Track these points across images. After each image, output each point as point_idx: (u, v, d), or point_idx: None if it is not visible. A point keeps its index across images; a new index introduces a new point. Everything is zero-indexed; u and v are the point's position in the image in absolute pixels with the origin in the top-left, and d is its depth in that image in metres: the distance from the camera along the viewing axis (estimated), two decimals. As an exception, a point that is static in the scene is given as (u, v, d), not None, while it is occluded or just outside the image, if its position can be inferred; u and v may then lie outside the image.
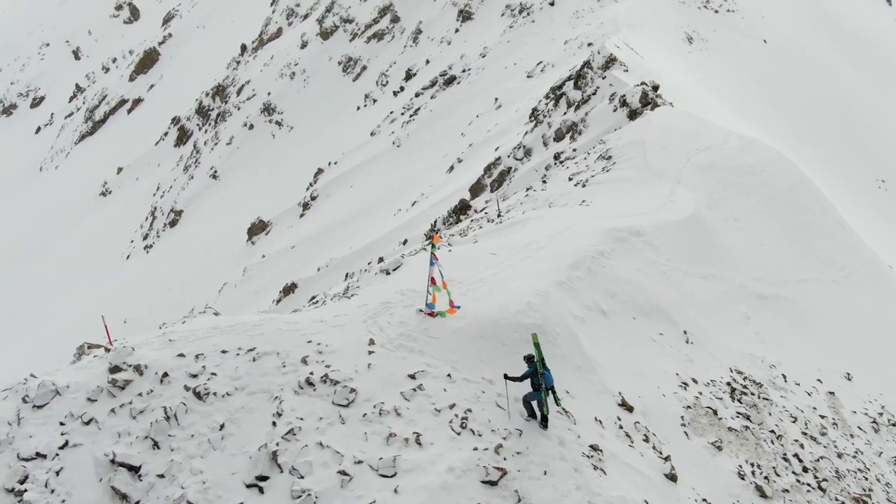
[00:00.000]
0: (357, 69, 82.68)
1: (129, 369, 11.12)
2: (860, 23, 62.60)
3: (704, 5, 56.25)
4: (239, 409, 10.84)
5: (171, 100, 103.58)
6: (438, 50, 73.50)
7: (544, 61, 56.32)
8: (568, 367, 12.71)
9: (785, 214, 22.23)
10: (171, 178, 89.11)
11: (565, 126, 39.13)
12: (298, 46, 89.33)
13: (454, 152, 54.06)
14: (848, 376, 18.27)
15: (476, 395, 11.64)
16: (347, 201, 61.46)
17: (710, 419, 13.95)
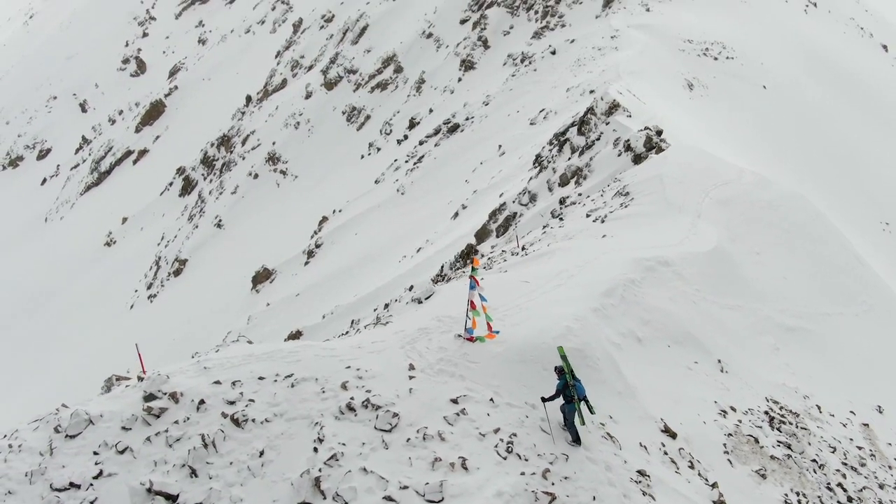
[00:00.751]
0: (361, 118, 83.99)
1: (164, 397, 11.16)
2: (858, 68, 63.90)
3: (704, 53, 57.40)
4: (279, 436, 10.84)
5: (177, 150, 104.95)
6: (442, 99, 74.79)
7: (547, 108, 57.30)
8: (609, 392, 12.83)
9: (804, 249, 22.56)
10: (175, 227, 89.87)
11: (570, 171, 39.81)
12: (303, 97, 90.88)
13: (459, 199, 54.69)
14: (879, 409, 18.36)
15: (520, 420, 11.69)
16: (352, 249, 61.95)
17: (752, 447, 14.03)
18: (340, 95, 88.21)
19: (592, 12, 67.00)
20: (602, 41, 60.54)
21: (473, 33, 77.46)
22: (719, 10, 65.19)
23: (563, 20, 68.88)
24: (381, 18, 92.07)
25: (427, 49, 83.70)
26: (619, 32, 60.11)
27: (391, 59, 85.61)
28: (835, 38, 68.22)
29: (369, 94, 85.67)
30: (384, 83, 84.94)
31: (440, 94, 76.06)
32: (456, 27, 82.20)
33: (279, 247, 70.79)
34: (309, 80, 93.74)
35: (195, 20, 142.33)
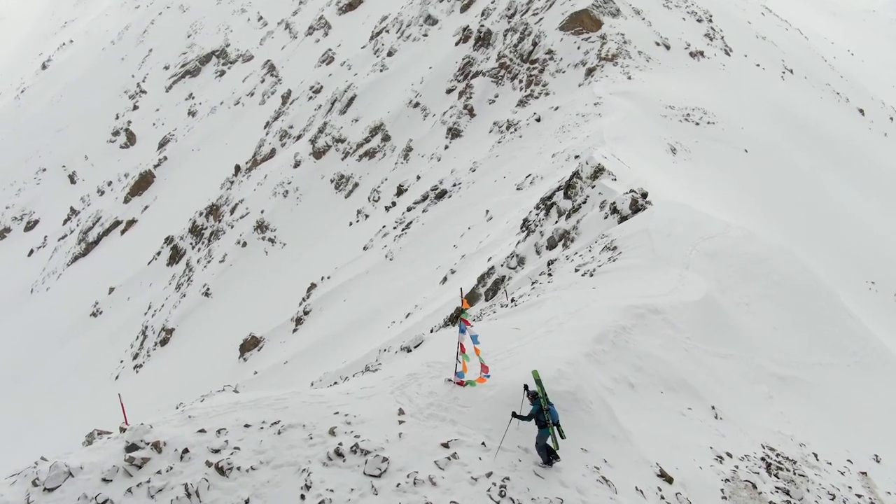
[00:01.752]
0: (349, 186, 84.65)
1: (146, 447, 10.94)
2: (836, 131, 65.24)
3: (685, 118, 58.50)
4: (264, 484, 10.63)
5: (165, 220, 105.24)
6: (429, 166, 75.60)
7: (533, 174, 57.94)
8: (603, 436, 12.70)
9: (793, 301, 22.62)
10: (162, 296, 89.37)
11: (557, 234, 39.98)
12: (291, 165, 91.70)
13: (447, 264, 54.75)
14: (876, 458, 18.19)
15: (513, 464, 11.55)
16: (341, 315, 61.60)
17: (750, 493, 13.84)
18: (329, 164, 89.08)
19: (575, 81, 68.35)
20: (585, 108, 61.62)
21: (459, 102, 78.81)
22: (699, 77, 66.76)
23: (546, 88, 70.18)
24: (369, 89, 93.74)
25: (414, 118, 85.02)
26: (601, 99, 61.25)
27: (379, 127, 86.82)
28: (812, 103, 69.86)
29: (357, 162, 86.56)
30: (372, 151, 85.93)
31: (427, 161, 76.92)
32: (442, 96, 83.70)
33: (267, 314, 70.39)
34: (297, 149, 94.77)
35: (185, 93, 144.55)
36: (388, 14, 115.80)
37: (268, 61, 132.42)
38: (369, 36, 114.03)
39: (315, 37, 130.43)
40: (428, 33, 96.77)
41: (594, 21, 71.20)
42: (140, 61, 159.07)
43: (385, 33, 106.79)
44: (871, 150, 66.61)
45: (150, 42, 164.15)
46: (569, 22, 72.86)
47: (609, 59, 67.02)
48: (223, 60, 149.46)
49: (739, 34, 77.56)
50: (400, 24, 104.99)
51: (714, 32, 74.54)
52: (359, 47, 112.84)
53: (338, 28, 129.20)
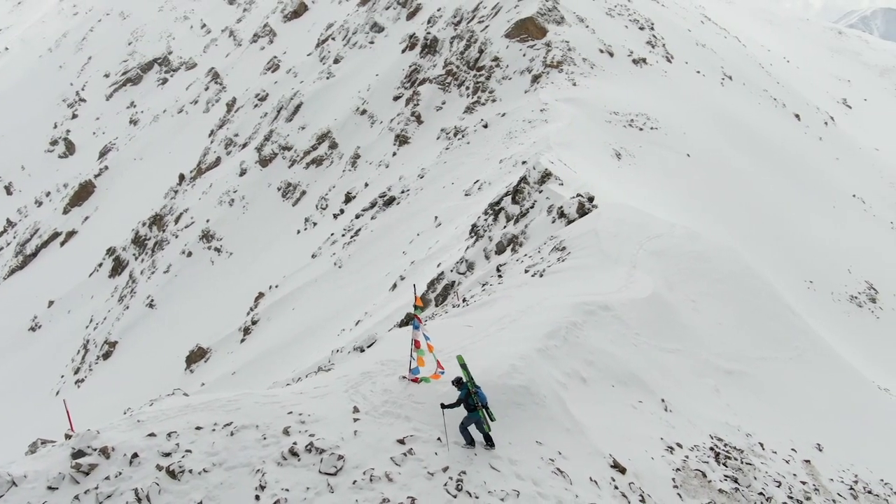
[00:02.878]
0: (297, 194, 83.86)
1: (94, 453, 10.66)
2: (774, 136, 67.07)
3: (629, 124, 59.43)
4: (217, 486, 10.45)
5: (107, 231, 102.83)
6: (377, 173, 75.34)
7: (481, 180, 58.14)
8: (557, 428, 12.84)
9: (736, 297, 23.17)
10: (105, 309, 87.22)
11: (506, 239, 40.17)
12: (237, 174, 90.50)
13: (396, 270, 54.55)
14: (819, 447, 18.74)
15: (469, 458, 11.59)
16: (290, 324, 60.88)
17: (700, 481, 14.15)
18: (275, 172, 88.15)
19: (521, 87, 68.92)
20: (532, 114, 62.17)
21: (407, 109, 78.80)
22: (641, 83, 67.96)
23: (493, 95, 70.62)
24: (316, 96, 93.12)
25: (362, 125, 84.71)
26: (547, 106, 61.87)
27: (326, 135, 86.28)
28: (751, 108, 71.68)
29: (304, 169, 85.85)
30: (319, 159, 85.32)
31: (375, 168, 76.67)
32: (389, 104, 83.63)
33: (214, 325, 69.20)
34: (243, 157, 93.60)
35: (126, 101, 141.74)
36: (333, 22, 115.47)
37: (212, 69, 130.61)
38: (315, 43, 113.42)
39: (260, 44, 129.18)
40: (374, 41, 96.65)
41: (539, 28, 71.96)
42: (79, 69, 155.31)
43: (331, 41, 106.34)
44: (808, 154, 68.64)
45: (89, 49, 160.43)
46: (514, 29, 73.50)
47: (554, 66, 67.77)
48: (165, 68, 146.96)
49: (680, 41, 79.24)
50: (346, 31, 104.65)
51: (656, 40, 75.98)
52: (304, 55, 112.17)
53: (283, 35, 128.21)
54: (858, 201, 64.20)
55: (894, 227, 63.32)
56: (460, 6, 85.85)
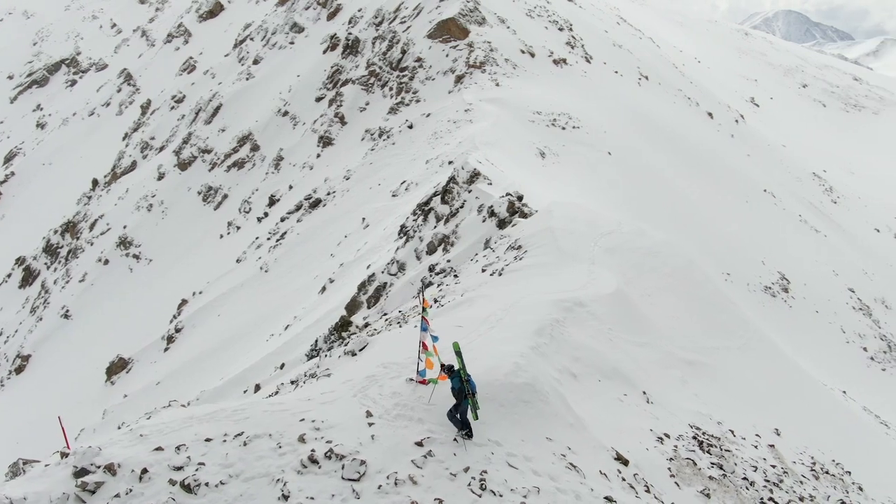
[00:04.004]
0: (218, 198, 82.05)
1: (98, 470, 10.09)
2: (689, 133, 69.33)
3: (552, 123, 60.42)
4: (237, 498, 10.08)
5: (15, 240, 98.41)
6: (301, 175, 74.46)
7: (408, 180, 58.17)
8: (561, 424, 12.96)
9: (685, 290, 23.89)
10: (16, 321, 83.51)
11: (437, 239, 40.34)
12: (155, 178, 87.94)
13: (325, 273, 54.05)
14: (777, 432, 19.54)
15: (487, 457, 11.54)
16: (215, 330, 59.56)
17: (692, 469, 14.58)
18: (195, 175, 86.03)
19: (445, 88, 69.23)
20: (457, 115, 62.52)
21: (330, 110, 78.15)
22: (562, 84, 69.18)
23: (417, 96, 70.72)
24: (235, 98, 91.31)
25: (284, 127, 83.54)
26: (472, 106, 62.32)
27: (247, 137, 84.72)
28: (667, 107, 73.90)
29: (226, 173, 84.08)
30: (241, 162, 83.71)
31: (299, 170, 75.76)
32: (312, 105, 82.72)
33: (135, 334, 67.06)
34: (161, 160, 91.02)
35: (33, 104, 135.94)
36: (251, 22, 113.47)
37: (124, 70, 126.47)
38: (233, 44, 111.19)
39: (174, 45, 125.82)
40: (294, 41, 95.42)
41: (461, 29, 72.44)
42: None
43: (249, 41, 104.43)
44: (721, 151, 71.23)
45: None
46: (436, 30, 73.77)
47: (477, 67, 68.36)
48: (74, 69, 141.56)
49: (598, 42, 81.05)
50: (265, 31, 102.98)
51: (575, 41, 77.48)
52: (222, 55, 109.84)
53: (198, 36, 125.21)
54: (769, 196, 66.94)
55: (802, 219, 66.30)
56: (381, 7, 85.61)
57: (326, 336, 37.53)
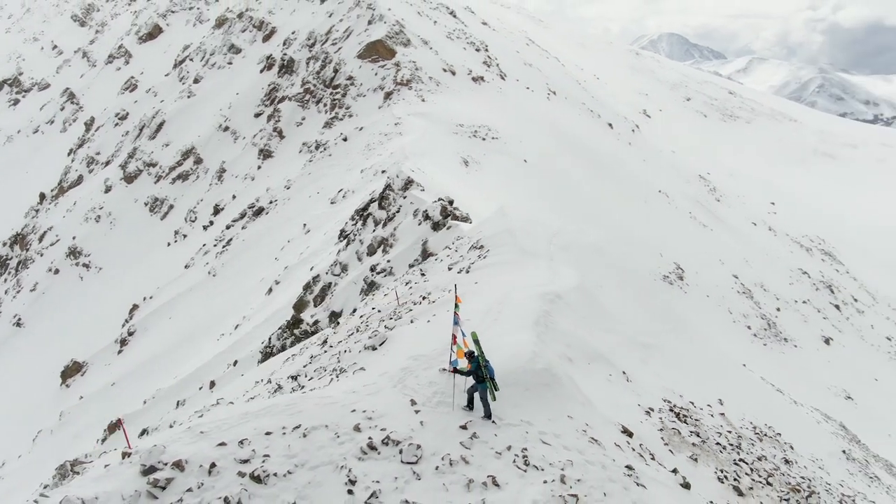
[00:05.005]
0: (164, 208, 79.46)
1: (166, 467, 9.59)
2: (594, 142, 70.94)
3: (474, 134, 60.79)
4: (306, 485, 9.80)
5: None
6: (243, 185, 72.85)
7: (345, 188, 57.66)
8: (576, 403, 13.13)
9: (627, 282, 24.53)
10: (-32, 332, 78.82)
11: (376, 241, 40.15)
12: (102, 191, 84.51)
13: (271, 276, 53.07)
14: (720, 402, 20.21)
15: (523, 436, 11.56)
16: (167, 333, 57.73)
17: (679, 438, 15.03)
18: (141, 188, 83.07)
19: (375, 104, 68.90)
20: (387, 128, 62.32)
21: (269, 125, 76.72)
22: (481, 98, 69.76)
23: (350, 111, 70.17)
24: (178, 115, 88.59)
25: (225, 141, 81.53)
26: (401, 120, 62.22)
27: (190, 151, 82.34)
28: (573, 119, 75.44)
29: (171, 185, 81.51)
30: (185, 174, 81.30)
31: (241, 181, 74.11)
32: (251, 120, 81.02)
33: (88, 339, 64.36)
34: (107, 174, 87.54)
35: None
36: (189, 43, 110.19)
37: (67, 89, 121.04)
38: (173, 64, 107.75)
39: (116, 65, 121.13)
40: (232, 61, 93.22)
41: (388, 50, 72.23)
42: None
43: (189, 61, 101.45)
44: (621, 157, 73.14)
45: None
46: (365, 51, 73.36)
47: (404, 84, 68.26)
48: (17, 89, 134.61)
49: (511, 61, 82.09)
50: (203, 52, 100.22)
51: (490, 60, 78.24)
52: (163, 75, 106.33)
53: (139, 56, 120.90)
54: (664, 196, 69.08)
55: (692, 216, 68.70)
56: (313, 29, 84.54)
57: (279, 334, 36.89)
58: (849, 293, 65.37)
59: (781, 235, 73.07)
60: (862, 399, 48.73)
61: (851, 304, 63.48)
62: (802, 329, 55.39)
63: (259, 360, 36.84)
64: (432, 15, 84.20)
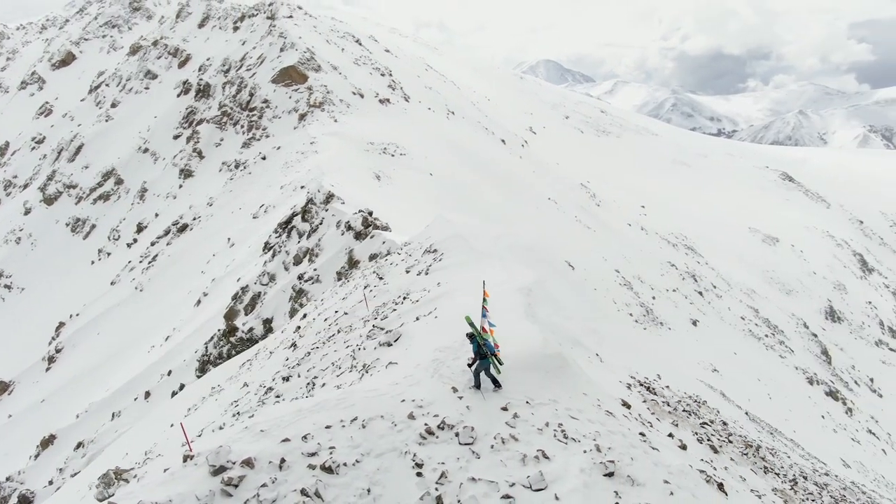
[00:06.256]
0: (86, 228, 74.64)
1: (235, 466, 8.96)
2: (489, 156, 72.04)
3: (384, 151, 60.52)
4: (376, 472, 9.47)
5: None
6: (166, 204, 69.51)
7: (266, 204, 56.09)
8: (585, 382, 13.08)
9: (562, 278, 24.84)
10: None
11: (302, 252, 39.23)
12: (22, 213, 78.54)
13: (198, 288, 50.91)
14: (658, 377, 20.81)
15: (554, 413, 11.47)
16: (97, 348, 54.28)
17: (660, 408, 15.14)
18: (62, 209, 77.76)
19: (291, 125, 67.46)
20: (303, 147, 61.13)
21: (188, 146, 73.56)
22: (388, 119, 69.56)
23: (266, 132, 68.35)
24: (96, 138, 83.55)
25: (145, 162, 77.54)
26: (316, 139, 61.21)
27: (111, 172, 77.77)
28: (471, 136, 76.38)
29: (92, 205, 76.71)
30: (106, 195, 76.69)
31: (164, 199, 70.68)
32: (170, 142, 77.47)
33: (14, 357, 59.59)
34: (26, 197, 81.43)
35: None
36: (104, 70, 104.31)
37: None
38: (88, 89, 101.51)
39: (29, 91, 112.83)
40: (149, 86, 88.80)
41: (301, 75, 70.88)
42: None
43: (105, 86, 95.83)
44: (514, 169, 74.67)
45: None
46: (279, 76, 71.70)
47: (317, 106, 67.19)
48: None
49: (413, 85, 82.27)
50: (119, 78, 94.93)
51: (395, 84, 78.14)
52: (78, 100, 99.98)
53: (53, 82, 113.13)
54: (553, 202, 71.07)
55: (578, 219, 71.06)
56: (228, 56, 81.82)
57: (215, 342, 35.36)
58: (709, 281, 69.41)
59: (652, 234, 76.64)
60: (725, 371, 51.79)
61: (712, 291, 67.43)
62: (674, 313, 58.26)
63: (196, 367, 35.19)
64: (340, 43, 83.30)
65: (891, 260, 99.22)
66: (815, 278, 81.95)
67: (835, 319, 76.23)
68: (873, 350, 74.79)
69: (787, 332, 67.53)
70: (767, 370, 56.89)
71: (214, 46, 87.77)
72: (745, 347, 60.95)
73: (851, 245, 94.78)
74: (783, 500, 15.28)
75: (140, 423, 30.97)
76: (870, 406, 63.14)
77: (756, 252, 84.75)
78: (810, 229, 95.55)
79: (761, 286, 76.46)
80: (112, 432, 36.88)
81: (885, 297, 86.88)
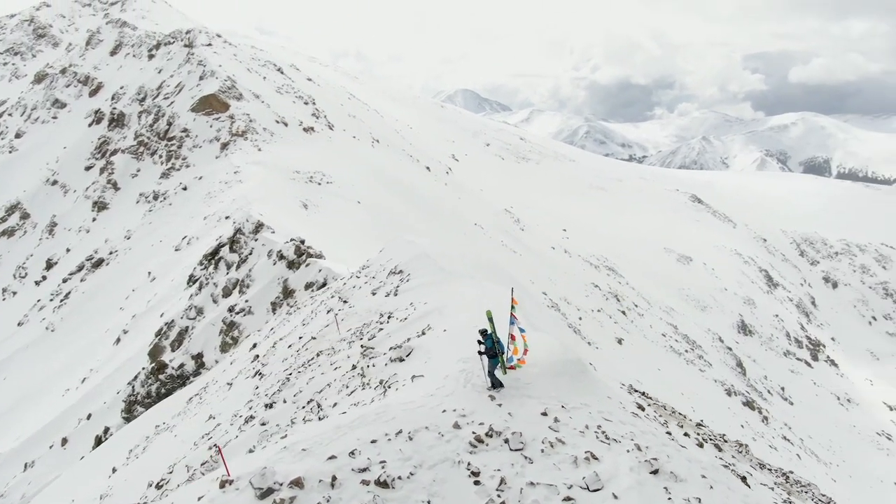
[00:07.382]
0: (-11, 266, 69.84)
1: (283, 487, 8.48)
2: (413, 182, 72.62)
3: (310, 180, 59.96)
4: (432, 483, 9.15)
5: None
6: (78, 238, 66.06)
7: (189, 235, 54.31)
8: (603, 386, 13.29)
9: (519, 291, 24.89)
10: None
11: (231, 283, 38.17)
12: (-87, 252, 72.56)
13: (117, 326, 48.45)
14: (639, 382, 21.15)
15: (590, 415, 11.46)
16: (3, 393, 50.50)
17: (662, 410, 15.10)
18: (-40, 246, 72.39)
19: (212, 154, 65.87)
20: (227, 176, 59.77)
21: (102, 178, 70.45)
22: (313, 147, 69.08)
23: (187, 161, 66.45)
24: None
25: (54, 195, 73.59)
26: (240, 168, 60.01)
27: (16, 206, 73.29)
28: (396, 163, 76.84)
29: (-5, 241, 71.89)
30: (11, 230, 72.12)
31: (76, 234, 67.17)
32: (82, 173, 73.97)
33: None
34: (-82, 234, 75.28)
35: None
36: (6, 99, 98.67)
37: None
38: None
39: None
40: (57, 116, 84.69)
41: (222, 103, 69.54)
42: None
43: (8, 116, 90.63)
44: (440, 196, 75.59)
45: None
46: (199, 104, 70.08)
47: (240, 135, 66.01)
48: None
49: (337, 113, 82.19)
50: (24, 107, 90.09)
51: (318, 112, 77.85)
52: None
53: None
54: (479, 227, 72.25)
55: (504, 244, 72.46)
56: (143, 84, 79.29)
57: (143, 381, 33.69)
58: (631, 300, 72.07)
59: (575, 256, 79.00)
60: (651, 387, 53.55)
61: (634, 310, 70.02)
62: (600, 333, 60.03)
63: (122, 409, 33.38)
64: (261, 71, 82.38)
65: (793, 275, 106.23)
66: (727, 294, 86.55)
67: (746, 333, 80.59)
68: (782, 360, 79.47)
69: (704, 346, 70.79)
70: (689, 384, 59.32)
71: (128, 74, 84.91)
72: (668, 363, 63.41)
73: (757, 262, 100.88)
74: (786, 492, 16.05)
75: (70, 471, 29.03)
76: (783, 413, 66.88)
77: (672, 271, 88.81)
78: (720, 248, 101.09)
79: (678, 303, 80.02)
80: (25, 484, 34.35)
81: (789, 309, 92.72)
